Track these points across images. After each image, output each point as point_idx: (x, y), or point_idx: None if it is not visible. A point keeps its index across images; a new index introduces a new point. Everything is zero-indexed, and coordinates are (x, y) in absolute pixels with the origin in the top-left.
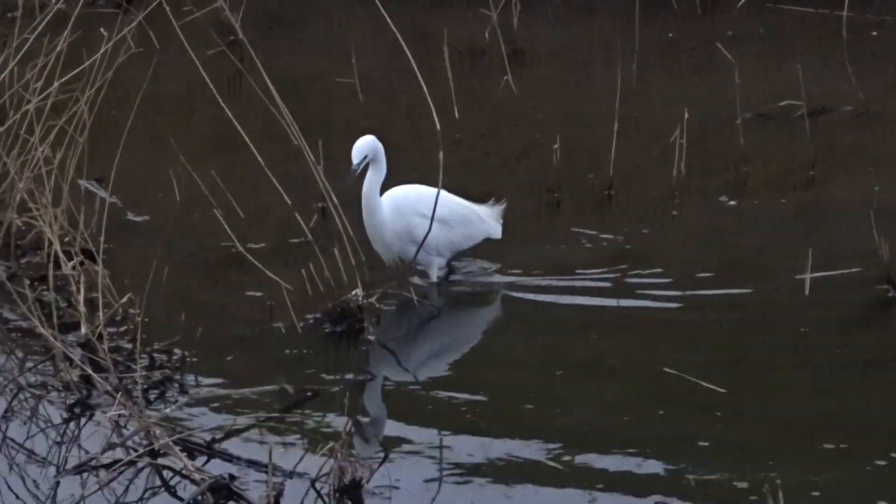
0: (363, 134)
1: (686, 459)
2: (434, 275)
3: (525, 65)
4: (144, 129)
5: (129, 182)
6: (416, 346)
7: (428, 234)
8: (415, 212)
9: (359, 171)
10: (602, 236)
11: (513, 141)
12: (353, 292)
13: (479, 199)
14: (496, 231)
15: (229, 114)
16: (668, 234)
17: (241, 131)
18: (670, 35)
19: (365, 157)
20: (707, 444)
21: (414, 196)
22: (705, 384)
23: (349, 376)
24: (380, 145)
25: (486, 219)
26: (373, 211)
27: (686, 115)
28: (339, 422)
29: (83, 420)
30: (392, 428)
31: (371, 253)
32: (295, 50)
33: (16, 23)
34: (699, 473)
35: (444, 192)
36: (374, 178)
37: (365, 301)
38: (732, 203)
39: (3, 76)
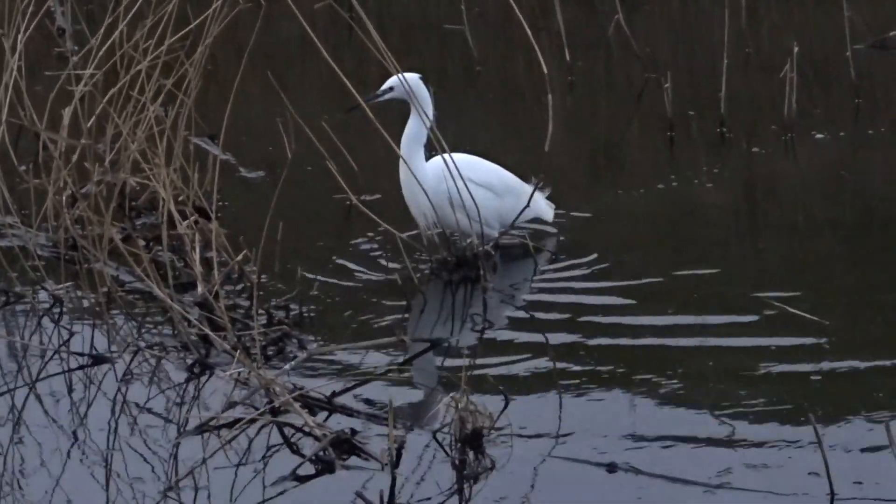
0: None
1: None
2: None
3: (635, 3)
4: (255, 85)
5: (242, 138)
6: (533, 293)
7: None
8: (461, 175)
9: (376, 99)
10: (717, 174)
11: (625, 80)
12: (469, 240)
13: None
14: (547, 213)
15: (336, 68)
16: (782, 171)
17: (349, 85)
18: None
19: (391, 90)
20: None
21: (462, 161)
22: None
23: (467, 325)
24: (420, 88)
25: (536, 199)
26: (411, 163)
27: (796, 49)
28: (459, 372)
29: (202, 380)
30: (512, 375)
31: None
32: None
33: None
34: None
35: (492, 164)
36: (413, 127)
37: (481, 249)
38: (845, 136)
39: (113, 37)
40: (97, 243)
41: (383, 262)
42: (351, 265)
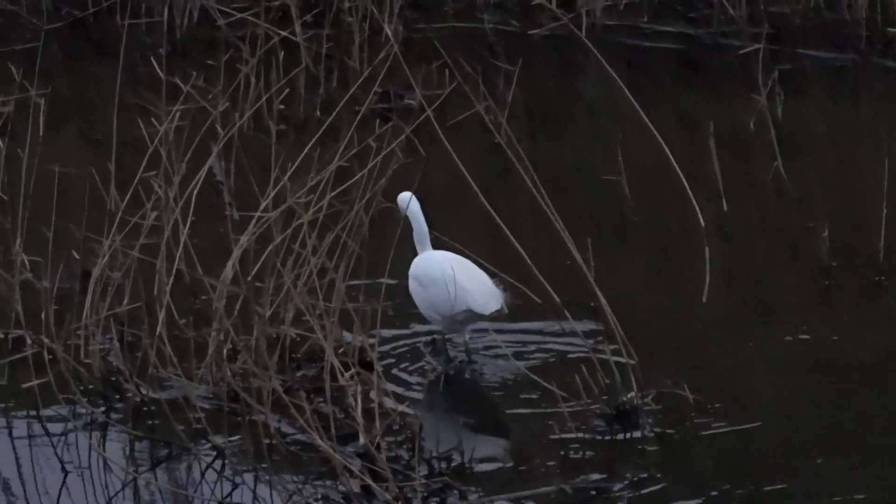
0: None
1: None
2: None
3: (793, 150)
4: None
5: (397, 284)
6: (694, 445)
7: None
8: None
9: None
10: (874, 325)
11: (781, 228)
12: (630, 394)
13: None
14: (479, 305)
15: (493, 213)
16: None
17: (506, 230)
18: None
19: (399, 212)
20: None
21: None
22: None
23: (627, 475)
24: (408, 203)
25: (467, 287)
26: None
27: None
28: None
29: None
30: None
31: (641, 351)
32: (560, 146)
33: (287, 136)
34: None
35: (444, 255)
36: (413, 236)
37: (639, 400)
38: None
39: (276, 190)
40: (259, 395)
41: (544, 413)
42: (511, 416)
